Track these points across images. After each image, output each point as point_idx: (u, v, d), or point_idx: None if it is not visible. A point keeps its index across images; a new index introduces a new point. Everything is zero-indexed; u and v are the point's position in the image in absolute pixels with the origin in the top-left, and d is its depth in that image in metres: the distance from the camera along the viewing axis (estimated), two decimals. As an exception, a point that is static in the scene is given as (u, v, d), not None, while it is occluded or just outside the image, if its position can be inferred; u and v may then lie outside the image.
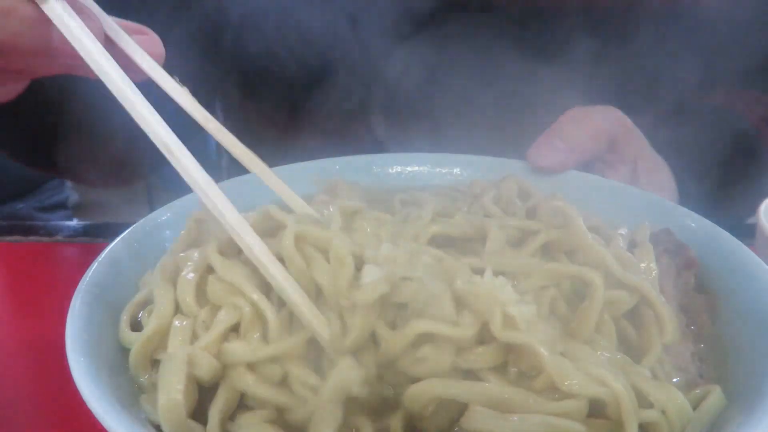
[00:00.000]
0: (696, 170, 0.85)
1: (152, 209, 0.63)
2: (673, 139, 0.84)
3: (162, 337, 0.50)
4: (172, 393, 0.45)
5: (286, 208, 0.58)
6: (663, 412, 0.45)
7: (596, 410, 0.45)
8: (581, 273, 0.51)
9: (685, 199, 0.82)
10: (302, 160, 0.72)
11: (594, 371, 0.45)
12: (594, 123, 0.74)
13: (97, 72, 0.49)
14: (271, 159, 0.60)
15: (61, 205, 1.99)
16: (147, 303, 0.54)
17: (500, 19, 0.88)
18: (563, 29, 0.88)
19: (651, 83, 0.93)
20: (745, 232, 0.65)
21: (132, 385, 0.49)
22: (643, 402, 0.46)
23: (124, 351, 0.51)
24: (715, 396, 0.48)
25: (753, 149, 0.91)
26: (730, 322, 0.55)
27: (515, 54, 0.85)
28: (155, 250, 0.60)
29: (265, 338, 0.48)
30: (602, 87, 0.84)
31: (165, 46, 0.55)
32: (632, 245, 0.59)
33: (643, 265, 0.56)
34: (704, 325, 0.55)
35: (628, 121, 0.77)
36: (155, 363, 0.50)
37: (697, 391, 0.49)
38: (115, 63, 0.49)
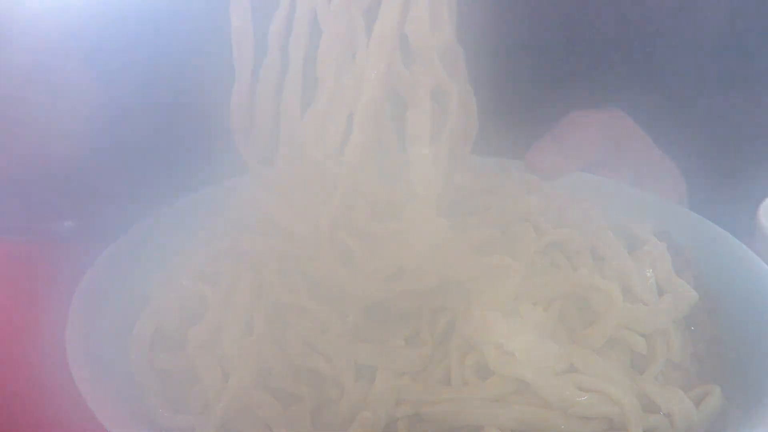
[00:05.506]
0: (697, 170, 0.84)
1: (152, 209, 0.63)
2: (675, 139, 0.84)
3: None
4: None
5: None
6: (668, 415, 0.45)
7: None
8: (600, 285, 0.50)
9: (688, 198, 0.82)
10: None
11: (597, 385, 0.45)
12: (594, 127, 0.73)
13: None
14: None
15: None
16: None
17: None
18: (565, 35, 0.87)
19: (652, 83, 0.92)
20: (745, 232, 0.65)
21: (132, 386, 0.49)
22: (650, 406, 0.46)
23: (125, 351, 0.51)
24: (715, 397, 0.48)
25: (755, 149, 0.91)
26: (729, 322, 0.55)
27: (516, 54, 0.85)
28: (155, 250, 0.60)
29: None
30: (602, 86, 0.84)
31: None
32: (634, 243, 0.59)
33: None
34: (703, 326, 0.55)
35: (631, 124, 0.76)
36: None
37: (696, 391, 0.49)
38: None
